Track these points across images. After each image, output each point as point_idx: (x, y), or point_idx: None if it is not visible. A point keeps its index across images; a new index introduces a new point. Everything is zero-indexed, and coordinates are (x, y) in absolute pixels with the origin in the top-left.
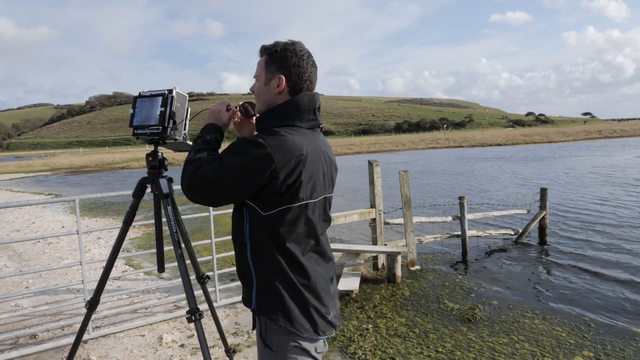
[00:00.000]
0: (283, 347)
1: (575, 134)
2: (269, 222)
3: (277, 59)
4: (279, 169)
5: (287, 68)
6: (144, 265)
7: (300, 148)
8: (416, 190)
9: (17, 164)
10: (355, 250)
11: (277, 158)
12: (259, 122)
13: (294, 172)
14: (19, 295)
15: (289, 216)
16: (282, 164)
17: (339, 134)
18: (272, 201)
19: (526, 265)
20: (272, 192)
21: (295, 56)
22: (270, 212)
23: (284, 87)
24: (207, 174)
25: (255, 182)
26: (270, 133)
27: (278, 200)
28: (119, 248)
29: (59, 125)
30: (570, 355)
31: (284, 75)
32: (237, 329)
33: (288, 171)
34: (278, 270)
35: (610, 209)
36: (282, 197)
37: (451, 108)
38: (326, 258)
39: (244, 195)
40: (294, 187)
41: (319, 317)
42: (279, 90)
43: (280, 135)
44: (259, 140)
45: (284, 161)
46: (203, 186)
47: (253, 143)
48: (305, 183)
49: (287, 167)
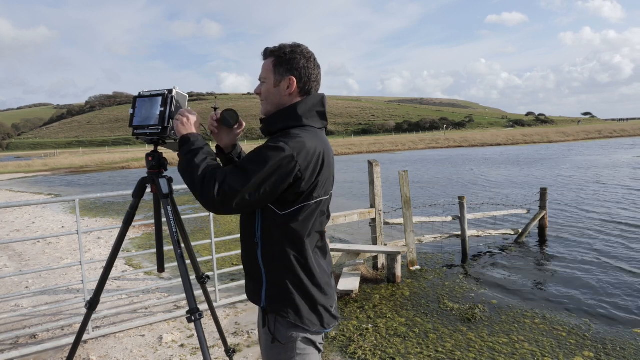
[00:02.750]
0: (292, 339)
1: (575, 134)
2: (286, 220)
3: (286, 61)
4: (302, 170)
5: (297, 70)
6: (144, 265)
7: (318, 148)
8: (416, 190)
9: (17, 164)
10: (355, 250)
11: (301, 160)
12: (269, 124)
13: (315, 172)
14: (19, 295)
15: (305, 214)
16: (305, 165)
17: (339, 134)
18: (290, 200)
19: (526, 265)
20: (294, 192)
21: (303, 58)
22: (288, 211)
23: (294, 88)
24: (235, 185)
25: (283, 186)
26: (289, 136)
27: (297, 199)
28: (119, 248)
29: (58, 125)
30: (571, 355)
31: (294, 76)
32: (237, 329)
33: (311, 172)
34: (288, 269)
35: (610, 209)
36: (301, 196)
37: (451, 108)
38: (326, 253)
39: (271, 199)
40: (313, 185)
41: (325, 312)
42: (289, 92)
43: (299, 137)
44: (280, 144)
45: (307, 162)
46: (232, 198)
47: (275, 148)
48: (323, 181)
49: (310, 168)
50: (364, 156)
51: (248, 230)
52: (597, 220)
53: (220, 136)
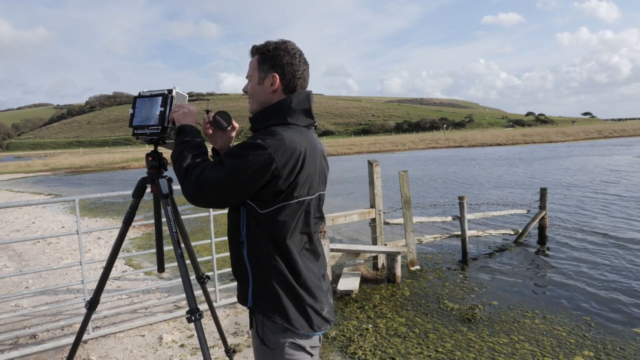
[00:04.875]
0: (280, 344)
1: (575, 133)
2: (267, 219)
3: (269, 57)
4: (280, 168)
5: (280, 66)
6: (144, 265)
7: (299, 146)
8: (416, 190)
9: (17, 164)
10: (355, 250)
11: (278, 157)
12: (254, 122)
13: (294, 170)
14: (19, 295)
15: (286, 213)
16: (283, 163)
17: (339, 134)
18: (270, 199)
19: (526, 265)
20: (273, 191)
21: (287, 54)
22: (268, 210)
23: (278, 85)
24: (211, 178)
25: (259, 183)
26: (269, 133)
27: (276, 198)
28: (118, 248)
29: (58, 125)
30: (571, 355)
31: (277, 73)
32: (237, 329)
33: (289, 170)
34: (274, 268)
35: (610, 209)
36: (280, 195)
37: (451, 108)
38: (318, 255)
39: (247, 196)
40: (293, 184)
41: (314, 314)
42: (273, 89)
43: (279, 134)
44: (257, 141)
45: (285, 160)
46: (207, 190)
47: (253, 145)
48: (304, 180)
49: (288, 165)
50: (364, 156)
51: (234, 230)
52: (597, 220)
53: (214, 138)
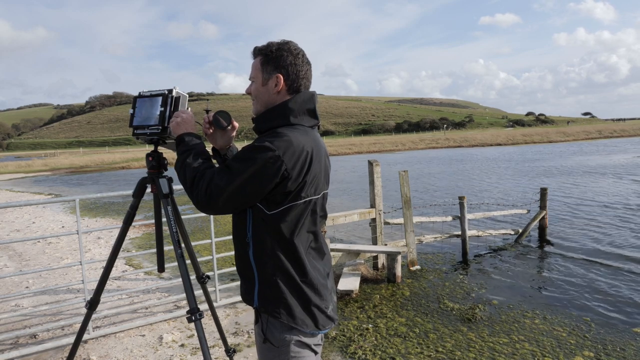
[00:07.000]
0: (285, 342)
1: (575, 134)
2: (274, 220)
3: (273, 58)
4: (289, 169)
5: (284, 67)
6: (144, 265)
7: (306, 147)
8: (416, 189)
9: (17, 164)
10: (355, 250)
11: (287, 159)
12: (259, 123)
13: (303, 171)
14: (19, 295)
15: (293, 213)
16: (292, 164)
17: (339, 134)
18: (278, 200)
19: (526, 265)
20: (282, 192)
21: (290, 55)
22: (276, 211)
23: (282, 86)
24: (221, 185)
25: (269, 185)
26: (275, 134)
27: (285, 199)
28: (119, 248)
29: (58, 125)
30: (571, 355)
31: (281, 74)
32: (237, 329)
33: (298, 170)
34: (280, 268)
35: (610, 209)
36: (289, 196)
37: (451, 108)
38: (323, 253)
39: (258, 199)
40: (301, 185)
41: (319, 313)
42: (277, 90)
43: (285, 135)
44: (265, 143)
45: (294, 161)
46: (219, 198)
47: (261, 147)
48: (311, 180)
49: (297, 166)
50: (364, 156)
51: (240, 230)
52: (597, 220)
53: (214, 138)
